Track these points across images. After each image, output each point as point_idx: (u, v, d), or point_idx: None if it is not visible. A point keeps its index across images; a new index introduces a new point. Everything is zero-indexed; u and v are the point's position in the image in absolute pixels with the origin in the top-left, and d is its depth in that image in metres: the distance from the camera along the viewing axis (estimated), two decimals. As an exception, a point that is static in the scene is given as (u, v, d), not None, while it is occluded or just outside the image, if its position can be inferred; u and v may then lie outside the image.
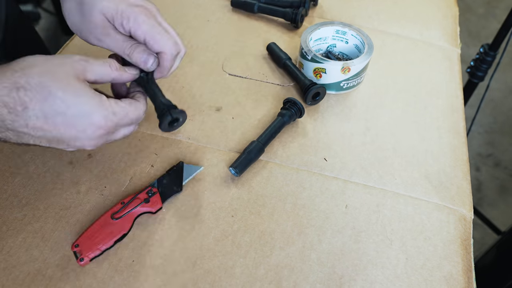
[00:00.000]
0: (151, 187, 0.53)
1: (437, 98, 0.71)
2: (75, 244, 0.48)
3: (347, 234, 0.53)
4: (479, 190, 1.77)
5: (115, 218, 0.50)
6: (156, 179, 0.55)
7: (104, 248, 0.48)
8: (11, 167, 0.57)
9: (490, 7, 2.59)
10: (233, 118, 0.65)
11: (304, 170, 0.59)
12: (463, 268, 0.51)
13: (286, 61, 0.71)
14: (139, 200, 0.51)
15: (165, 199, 0.53)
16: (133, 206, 0.51)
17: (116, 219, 0.50)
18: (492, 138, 1.96)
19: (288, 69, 0.71)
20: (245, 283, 0.48)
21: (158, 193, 0.53)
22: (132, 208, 0.51)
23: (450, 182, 0.59)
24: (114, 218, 0.50)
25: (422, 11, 0.89)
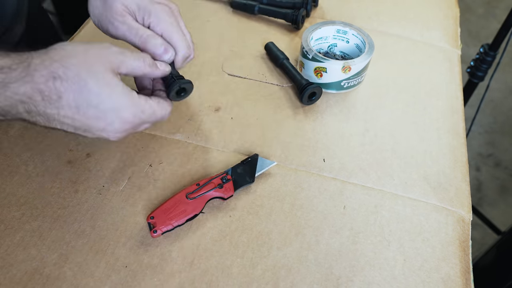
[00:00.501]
0: (225, 173, 0.54)
1: (437, 99, 0.71)
2: (150, 216, 0.50)
3: (345, 235, 0.53)
4: (479, 190, 1.77)
5: (189, 198, 0.51)
6: (231, 167, 0.56)
7: (176, 224, 0.50)
8: (9, 166, 0.57)
9: (490, 7, 2.59)
10: (232, 119, 0.65)
11: (302, 170, 0.59)
12: (461, 269, 0.51)
13: (283, 61, 0.71)
14: (213, 184, 0.53)
15: (237, 188, 0.54)
16: (207, 189, 0.52)
17: (190, 199, 0.51)
18: (492, 138, 1.96)
19: (285, 68, 0.71)
20: (242, 283, 0.48)
21: (231, 181, 0.54)
22: (207, 191, 0.52)
23: (449, 183, 0.59)
24: (189, 198, 0.51)
25: (423, 12, 0.89)
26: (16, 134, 0.60)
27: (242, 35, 0.79)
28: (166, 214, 0.50)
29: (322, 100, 0.69)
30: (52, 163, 0.58)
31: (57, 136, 0.61)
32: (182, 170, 0.58)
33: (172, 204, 0.51)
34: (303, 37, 0.70)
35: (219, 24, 0.81)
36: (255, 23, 0.82)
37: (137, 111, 0.45)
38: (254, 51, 0.76)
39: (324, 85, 0.69)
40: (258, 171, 0.57)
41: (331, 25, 0.72)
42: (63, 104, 0.40)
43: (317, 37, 0.73)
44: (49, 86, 0.39)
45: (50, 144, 0.60)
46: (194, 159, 0.59)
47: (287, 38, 0.79)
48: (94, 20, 0.53)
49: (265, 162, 0.58)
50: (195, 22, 0.81)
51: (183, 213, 0.51)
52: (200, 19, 0.82)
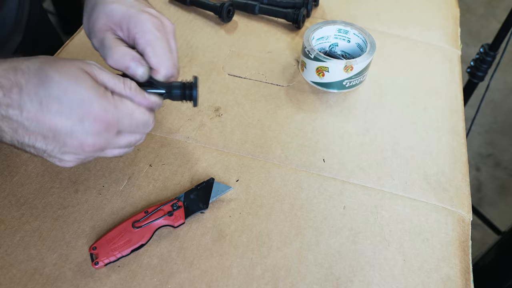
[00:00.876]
0: (177, 200, 0.52)
1: (437, 100, 0.71)
2: (93, 247, 0.47)
3: (344, 235, 0.53)
4: (479, 190, 1.77)
5: (136, 226, 0.49)
6: (184, 193, 0.53)
7: (120, 255, 0.47)
8: (9, 166, 0.57)
9: (490, 7, 2.59)
10: (232, 119, 0.65)
11: (302, 170, 0.59)
12: (461, 270, 0.51)
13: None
14: (163, 212, 0.50)
15: (188, 215, 0.51)
16: (155, 218, 0.50)
17: (136, 228, 0.49)
18: (492, 138, 1.96)
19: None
20: (241, 284, 0.48)
21: (182, 208, 0.51)
22: (155, 220, 0.50)
23: (449, 183, 0.59)
24: (135, 226, 0.49)
25: (423, 12, 0.89)
26: (16, 134, 0.60)
27: (242, 35, 0.79)
28: (110, 244, 0.47)
29: (322, 100, 0.69)
30: (52, 163, 0.57)
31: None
32: (182, 170, 0.58)
33: (117, 233, 0.48)
34: (305, 36, 0.70)
35: (219, 24, 0.81)
36: (255, 23, 0.82)
37: (108, 105, 0.39)
38: (255, 51, 0.76)
39: (326, 84, 0.69)
40: (213, 197, 0.53)
41: (332, 25, 0.72)
42: (24, 99, 0.36)
43: (319, 37, 0.73)
44: (9, 78, 0.36)
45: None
46: (194, 159, 0.59)
47: (288, 38, 0.79)
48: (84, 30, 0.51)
49: (221, 187, 0.54)
50: (196, 22, 0.81)
51: (128, 243, 0.48)
52: (201, 19, 0.82)
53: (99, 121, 0.39)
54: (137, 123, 0.43)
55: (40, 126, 0.38)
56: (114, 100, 0.40)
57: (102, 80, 0.41)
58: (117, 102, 0.41)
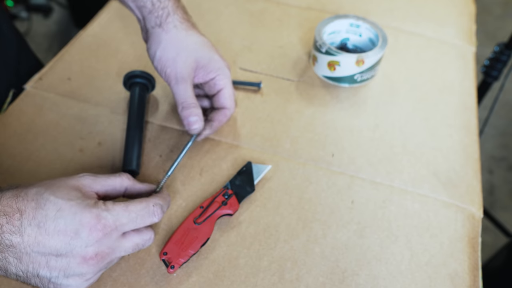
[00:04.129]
0: (225, 189, 0.53)
1: (450, 96, 0.70)
2: (163, 252, 0.48)
3: (352, 229, 0.53)
4: (492, 194, 1.74)
5: (197, 222, 0.50)
6: (229, 181, 0.55)
7: (192, 253, 0.48)
8: (22, 152, 0.58)
9: (508, 8, 2.55)
10: (242, 112, 0.65)
11: (311, 164, 0.59)
12: (469, 266, 0.50)
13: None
14: (218, 203, 0.52)
15: (240, 200, 0.53)
16: (213, 210, 0.51)
17: (198, 224, 0.50)
18: (506, 140, 1.93)
19: None
20: (248, 274, 0.49)
21: (234, 195, 0.53)
22: (213, 212, 0.51)
23: (460, 180, 0.59)
24: (197, 222, 0.50)
25: (437, 8, 0.88)
26: (28, 121, 0.61)
27: (255, 29, 0.80)
28: (179, 245, 0.48)
29: (333, 94, 0.69)
30: (64, 151, 0.58)
31: (68, 124, 0.61)
32: (191, 162, 0.58)
33: (182, 234, 0.49)
34: (316, 30, 0.70)
35: (232, 18, 0.82)
36: (268, 16, 0.82)
37: (99, 212, 0.40)
38: (267, 46, 0.76)
39: (337, 79, 0.69)
40: (256, 178, 0.56)
41: (344, 19, 0.72)
42: (24, 224, 0.38)
43: (330, 31, 0.72)
44: (12, 206, 0.38)
45: (61, 132, 0.61)
46: (204, 151, 0.60)
47: (299, 33, 0.79)
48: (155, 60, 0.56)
49: (260, 167, 0.57)
50: (209, 16, 0.81)
51: (196, 239, 0.49)
52: (213, 12, 0.82)
53: (94, 229, 0.39)
54: (136, 215, 0.42)
55: (41, 249, 0.38)
56: (105, 206, 0.41)
57: (94, 188, 0.43)
58: (109, 206, 0.41)
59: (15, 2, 2.07)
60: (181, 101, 0.55)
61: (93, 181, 0.43)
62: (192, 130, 0.55)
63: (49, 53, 2.01)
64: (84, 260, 0.40)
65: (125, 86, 0.64)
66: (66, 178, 0.43)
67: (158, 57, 0.55)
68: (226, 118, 0.59)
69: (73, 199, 0.40)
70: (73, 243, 0.39)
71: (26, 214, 0.38)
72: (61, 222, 0.39)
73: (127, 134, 0.58)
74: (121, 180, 0.46)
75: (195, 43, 0.56)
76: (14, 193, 0.39)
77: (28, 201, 0.39)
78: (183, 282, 0.48)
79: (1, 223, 0.37)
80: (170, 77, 0.55)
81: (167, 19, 0.55)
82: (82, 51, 0.73)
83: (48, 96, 0.65)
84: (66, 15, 2.20)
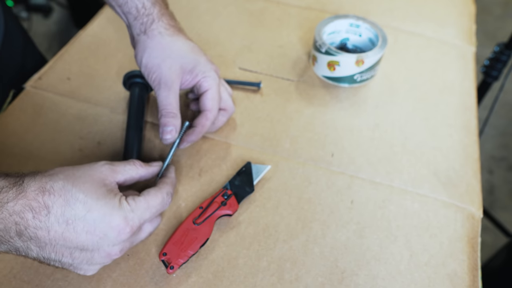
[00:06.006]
0: (225, 189, 0.53)
1: (450, 96, 0.70)
2: (162, 253, 0.48)
3: (351, 229, 0.53)
4: (492, 194, 1.74)
5: (196, 223, 0.50)
6: (228, 181, 0.55)
7: (191, 253, 0.48)
8: (21, 152, 0.58)
9: (507, 8, 2.55)
10: (242, 112, 0.65)
11: (310, 164, 0.59)
12: (468, 266, 0.50)
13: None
14: (217, 204, 0.52)
15: (240, 200, 0.53)
16: (212, 210, 0.51)
17: (198, 224, 0.50)
18: (506, 140, 1.93)
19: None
20: (247, 274, 0.49)
21: (233, 195, 0.53)
22: (212, 212, 0.51)
23: (460, 180, 0.59)
24: (196, 223, 0.50)
25: (437, 8, 0.88)
26: (28, 120, 0.61)
27: (254, 29, 0.79)
28: (178, 246, 0.48)
29: (333, 94, 0.69)
30: (64, 149, 0.58)
31: (68, 123, 0.61)
32: (190, 162, 0.58)
33: (181, 234, 0.49)
34: (316, 30, 0.70)
35: (230, 17, 0.82)
36: (267, 16, 0.82)
37: (126, 213, 0.42)
38: (266, 45, 0.76)
39: (337, 79, 0.69)
40: (255, 178, 0.55)
41: (344, 19, 0.72)
42: (52, 220, 0.38)
43: (330, 31, 0.72)
44: (39, 201, 0.38)
45: (61, 131, 0.61)
46: (203, 151, 0.60)
47: (299, 32, 0.79)
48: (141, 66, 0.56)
49: (259, 168, 0.57)
50: (208, 16, 0.81)
51: (195, 240, 0.49)
52: (212, 12, 0.82)
53: (122, 231, 0.41)
54: (156, 210, 0.45)
55: (67, 244, 0.40)
56: (130, 206, 0.42)
57: (116, 178, 0.44)
58: (133, 206, 0.43)
59: (15, 2, 2.07)
60: (161, 108, 0.54)
61: (113, 171, 0.44)
62: (165, 140, 0.54)
63: (49, 53, 2.01)
64: (108, 256, 0.42)
65: (124, 86, 0.64)
66: (87, 168, 0.43)
67: (144, 63, 0.55)
68: (208, 121, 0.56)
69: (100, 198, 0.41)
70: (100, 242, 0.41)
71: (54, 210, 0.38)
72: (91, 223, 0.40)
73: (127, 134, 0.58)
74: (136, 168, 0.47)
75: (180, 49, 0.56)
76: (39, 185, 0.39)
77: (55, 197, 0.39)
78: (182, 282, 0.48)
79: (27, 218, 0.37)
80: (155, 83, 0.55)
81: (151, 25, 0.55)
82: (82, 51, 0.73)
83: (48, 95, 0.65)
84: (66, 15, 2.20)
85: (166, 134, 0.53)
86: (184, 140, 0.56)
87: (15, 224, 0.37)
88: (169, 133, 0.53)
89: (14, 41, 0.69)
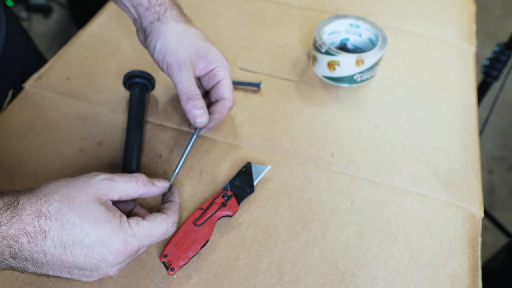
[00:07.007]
0: (225, 190, 0.53)
1: (450, 96, 0.70)
2: (163, 254, 0.48)
3: (351, 229, 0.53)
4: (492, 194, 1.74)
5: (197, 224, 0.50)
6: (228, 182, 0.55)
7: (192, 255, 0.48)
8: (21, 152, 0.58)
9: (507, 8, 2.55)
10: (242, 112, 0.65)
11: (311, 164, 0.59)
12: (468, 266, 0.50)
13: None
14: (217, 205, 0.51)
15: (240, 201, 0.53)
16: (212, 212, 0.51)
17: (198, 226, 0.50)
18: (506, 140, 1.93)
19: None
20: (247, 275, 0.48)
21: (233, 196, 0.53)
22: (212, 214, 0.51)
23: (460, 179, 0.59)
24: (196, 224, 0.50)
25: (437, 8, 0.88)
26: (28, 120, 0.61)
27: (254, 30, 0.79)
28: (179, 247, 0.48)
29: (333, 95, 0.69)
30: (64, 150, 0.58)
31: (68, 123, 0.61)
32: (191, 162, 0.58)
33: (181, 236, 0.49)
34: (316, 30, 0.70)
35: (231, 18, 0.82)
36: (268, 17, 0.82)
37: (126, 237, 0.41)
38: (266, 46, 0.76)
39: (337, 79, 0.69)
40: (255, 178, 0.55)
41: (343, 19, 0.72)
42: (48, 245, 0.37)
43: (330, 31, 0.72)
44: (34, 226, 0.37)
45: (61, 131, 0.61)
46: (203, 151, 0.60)
47: (299, 33, 0.79)
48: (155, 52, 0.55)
49: (259, 168, 0.56)
50: (208, 16, 0.81)
51: (195, 242, 0.48)
52: (212, 13, 0.82)
53: (121, 255, 0.41)
54: (157, 238, 0.44)
55: (65, 264, 0.39)
56: (131, 230, 0.41)
57: (110, 196, 0.42)
58: (134, 230, 0.42)
59: (15, 2, 2.07)
60: (185, 91, 0.53)
61: (109, 188, 0.42)
62: (198, 123, 0.53)
63: (49, 53, 2.01)
64: (106, 274, 0.42)
65: (125, 86, 0.64)
66: (83, 185, 0.41)
67: (158, 48, 0.55)
68: (226, 109, 0.57)
69: (98, 221, 0.39)
70: (98, 264, 0.40)
71: (51, 235, 0.38)
72: (89, 247, 0.39)
73: (127, 134, 0.58)
74: (136, 187, 0.44)
75: (194, 34, 0.57)
76: (35, 208, 0.37)
77: (52, 221, 0.38)
78: (183, 284, 0.48)
79: (21, 242, 0.36)
80: (173, 66, 0.54)
81: (165, 13, 0.56)
82: (82, 51, 0.72)
83: (48, 95, 0.65)
84: (66, 15, 2.20)
85: (198, 117, 0.53)
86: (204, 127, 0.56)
87: (9, 246, 0.36)
88: (200, 116, 0.53)
89: (16, 42, 0.69)
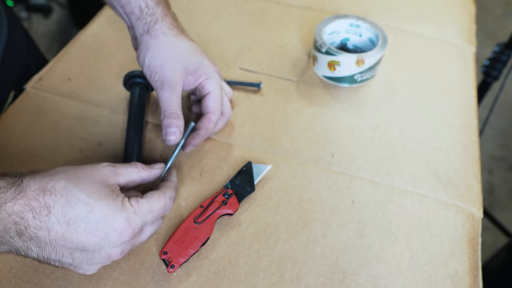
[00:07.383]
0: (225, 189, 0.53)
1: (450, 96, 0.70)
2: (163, 252, 0.48)
3: (352, 228, 0.53)
4: (492, 194, 1.74)
5: (197, 222, 0.50)
6: (229, 181, 0.55)
7: (192, 252, 0.48)
8: (22, 153, 0.58)
9: (507, 8, 2.55)
10: (242, 112, 0.65)
11: (311, 164, 0.59)
12: (469, 266, 0.50)
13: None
14: (218, 203, 0.52)
15: (240, 200, 0.53)
16: (213, 210, 0.51)
17: (199, 223, 0.50)
18: (506, 140, 1.93)
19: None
20: (248, 274, 0.49)
21: (234, 195, 0.53)
22: (213, 212, 0.51)
23: (460, 180, 0.59)
24: (197, 222, 0.50)
25: (437, 8, 0.88)
26: (28, 121, 0.61)
27: (254, 29, 0.80)
28: (179, 245, 0.48)
29: (333, 94, 0.69)
30: (64, 150, 0.58)
31: (68, 124, 0.62)
32: (191, 162, 0.58)
33: (182, 233, 0.49)
34: (316, 30, 0.70)
35: (231, 18, 0.82)
36: (267, 16, 0.82)
37: (129, 215, 0.41)
38: (266, 46, 0.76)
39: (337, 79, 0.69)
40: (256, 177, 0.56)
41: (344, 19, 0.72)
42: (52, 221, 0.38)
43: (330, 31, 0.72)
44: (39, 201, 0.37)
45: (61, 132, 0.61)
46: (204, 151, 0.60)
47: (299, 33, 0.79)
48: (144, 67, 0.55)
49: (260, 167, 0.57)
50: (208, 16, 0.81)
51: (196, 239, 0.49)
52: (212, 13, 0.82)
53: (124, 233, 0.41)
54: (158, 213, 0.45)
55: (68, 244, 0.39)
56: (133, 207, 0.42)
57: (118, 180, 0.44)
58: (136, 208, 0.42)
59: (15, 2, 2.07)
60: (163, 109, 0.53)
61: (115, 173, 0.44)
62: (168, 141, 0.53)
63: (49, 53, 2.01)
64: (109, 257, 0.42)
65: (125, 86, 0.64)
66: (89, 169, 0.42)
67: (147, 63, 0.55)
68: (211, 123, 0.56)
69: (103, 198, 0.40)
70: (101, 243, 0.40)
71: (55, 211, 0.38)
72: (92, 223, 0.39)
73: (127, 135, 0.58)
74: (138, 171, 0.46)
75: (184, 50, 0.56)
76: (40, 185, 0.38)
77: (56, 197, 0.38)
78: (183, 281, 0.48)
79: (27, 218, 0.37)
80: (157, 83, 0.54)
81: (155, 25, 0.55)
82: (82, 52, 0.73)
83: (48, 96, 0.65)
84: (66, 15, 2.20)
85: (170, 135, 0.53)
86: (189, 143, 0.55)
87: (15, 224, 0.37)
88: (172, 134, 0.53)
89: (18, 43, 0.69)
